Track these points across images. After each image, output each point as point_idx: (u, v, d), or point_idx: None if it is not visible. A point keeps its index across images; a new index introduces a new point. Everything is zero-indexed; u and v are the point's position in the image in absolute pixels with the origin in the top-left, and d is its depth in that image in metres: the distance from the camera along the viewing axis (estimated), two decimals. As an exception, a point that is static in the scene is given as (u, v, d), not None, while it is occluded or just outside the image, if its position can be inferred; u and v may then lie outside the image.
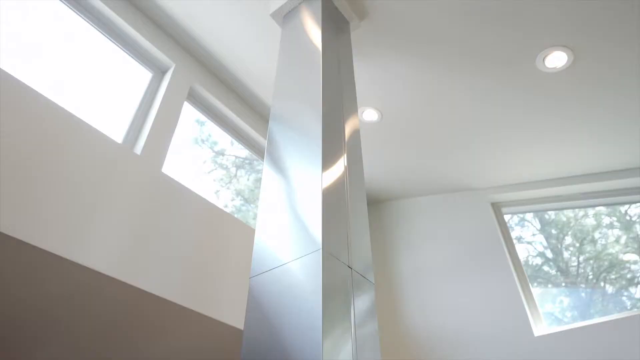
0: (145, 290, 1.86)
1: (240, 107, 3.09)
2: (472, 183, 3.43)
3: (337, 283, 1.16)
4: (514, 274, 2.99)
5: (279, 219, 1.42)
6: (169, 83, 2.59)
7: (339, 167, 1.55)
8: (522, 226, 3.35)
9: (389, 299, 3.45)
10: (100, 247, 1.77)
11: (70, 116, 1.91)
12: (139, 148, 2.22)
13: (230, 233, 2.43)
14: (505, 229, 3.27)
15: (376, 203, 4.07)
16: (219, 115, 3.01)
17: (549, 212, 3.26)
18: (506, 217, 3.33)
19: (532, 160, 3.12)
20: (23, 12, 2.11)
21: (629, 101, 2.60)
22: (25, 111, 1.74)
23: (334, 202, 1.39)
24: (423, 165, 3.37)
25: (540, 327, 2.77)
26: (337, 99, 1.84)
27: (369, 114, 2.97)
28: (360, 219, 1.48)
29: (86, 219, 1.77)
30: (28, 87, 1.80)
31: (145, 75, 2.65)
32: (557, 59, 2.53)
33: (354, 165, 1.67)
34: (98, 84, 2.39)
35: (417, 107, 2.89)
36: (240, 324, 2.12)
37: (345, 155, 1.63)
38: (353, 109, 1.93)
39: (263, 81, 2.95)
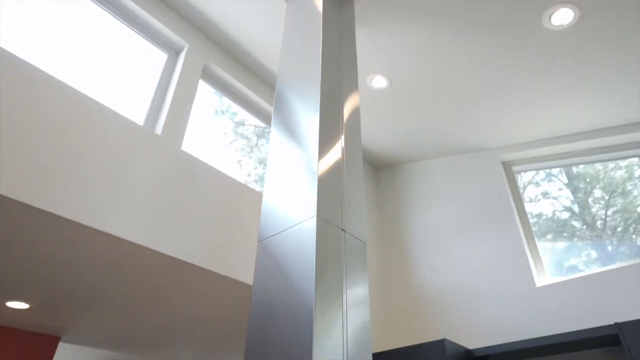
0: (172, 256, 2.10)
1: (253, 81, 3.22)
2: (482, 143, 3.49)
3: (331, 245, 1.34)
4: (521, 230, 3.10)
5: (282, 188, 1.59)
6: (184, 63, 2.74)
7: (336, 136, 1.70)
8: (549, 181, 3.32)
9: (401, 258, 3.64)
10: (132, 220, 2.00)
11: (97, 104, 2.10)
12: (159, 128, 2.42)
13: (245, 202, 2.64)
14: (514, 187, 3.35)
15: (389, 167, 4.19)
16: (234, 91, 3.16)
17: (578, 166, 3.16)
18: (530, 174, 3.34)
19: (541, 118, 3.15)
20: (36, 2, 2.28)
21: (636, 53, 2.58)
22: (58, 103, 1.95)
23: (329, 170, 1.55)
24: (433, 128, 3.45)
25: (543, 279, 2.91)
26: (337, 72, 1.95)
27: (378, 81, 3.05)
28: (355, 184, 1.63)
29: (118, 196, 1.99)
30: (57, 79, 1.99)
31: (161, 57, 2.80)
32: (563, 16, 2.52)
33: (352, 134, 1.80)
34: (117, 69, 2.56)
35: (424, 72, 2.94)
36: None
37: (342, 126, 1.77)
38: (353, 82, 2.04)
39: (273, 54, 3.05)
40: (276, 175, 1.69)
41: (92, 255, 2.12)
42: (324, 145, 1.61)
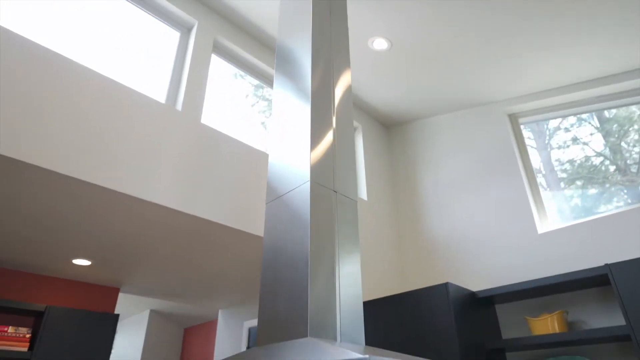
0: (200, 217, 2.43)
1: (263, 52, 3.39)
2: (488, 97, 3.55)
3: (324, 205, 1.59)
4: (525, 181, 3.23)
5: (282, 154, 1.83)
6: (195, 39, 2.95)
7: (326, 100, 1.90)
8: (579, 126, 3.27)
9: (412, 211, 3.87)
10: (164, 188, 2.33)
11: (127, 89, 2.38)
12: (179, 104, 2.68)
13: (262, 166, 2.91)
14: (520, 139, 3.43)
15: (399, 125, 4.33)
16: (244, 62, 3.35)
17: (610, 110, 3.01)
18: (557, 121, 3.28)
19: (545, 68, 3.16)
20: None
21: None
22: (96, 93, 2.24)
23: (321, 136, 1.77)
24: (438, 85, 3.53)
25: (546, 225, 3.06)
26: (326, 41, 2.11)
27: (379, 43, 3.15)
28: (346, 146, 1.85)
29: (151, 169, 2.31)
30: (93, 71, 2.27)
31: (174, 36, 3.02)
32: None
33: (343, 99, 1.99)
34: (135, 51, 2.81)
35: (425, 29, 3.01)
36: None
37: (333, 92, 1.96)
38: (343, 51, 2.20)
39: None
40: (277, 143, 1.93)
41: (137, 219, 2.48)
42: (316, 114, 1.82)
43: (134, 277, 3.56)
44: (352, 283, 1.53)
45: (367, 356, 0.84)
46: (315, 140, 1.73)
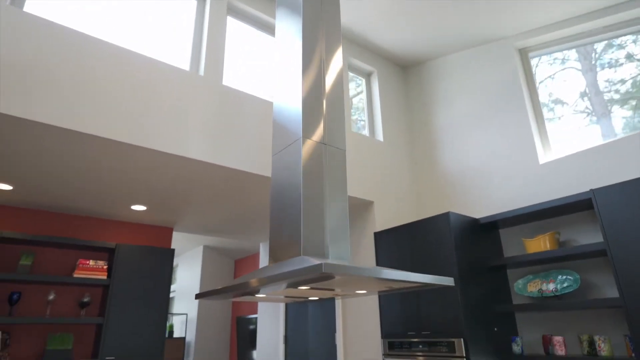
0: (228, 167, 2.87)
1: (274, 9, 3.60)
2: (499, 32, 3.59)
3: (314, 157, 1.95)
4: (530, 114, 3.37)
5: (282, 111, 2.17)
6: (210, 4, 3.21)
7: (315, 59, 2.18)
8: (636, 41, 2.97)
9: (427, 148, 4.12)
10: (195, 144, 2.76)
11: (156, 62, 2.75)
12: (201, 70, 3.03)
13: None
14: (529, 73, 3.51)
15: (414, 66, 4.45)
16: (258, 21, 3.59)
17: None
18: (605, 42, 3.15)
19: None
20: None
21: None
22: (137, 70, 2.63)
23: (312, 94, 2.08)
24: (449, 23, 3.61)
25: (549, 155, 3.25)
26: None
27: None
28: (335, 100, 2.15)
29: (183, 128, 2.73)
30: (134, 51, 2.65)
31: (192, 5, 3.29)
32: None
33: (334, 59, 2.26)
34: (159, 23, 3.14)
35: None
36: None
37: (322, 51, 2.24)
38: (334, 5, 2.41)
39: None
40: (278, 101, 2.26)
41: (177, 171, 2.96)
42: (306, 73, 2.12)
43: (184, 218, 4.17)
44: (339, 216, 1.92)
45: (321, 262, 1.23)
46: (306, 100, 2.05)
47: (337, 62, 2.30)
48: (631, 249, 2.36)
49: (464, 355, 2.69)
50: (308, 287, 1.61)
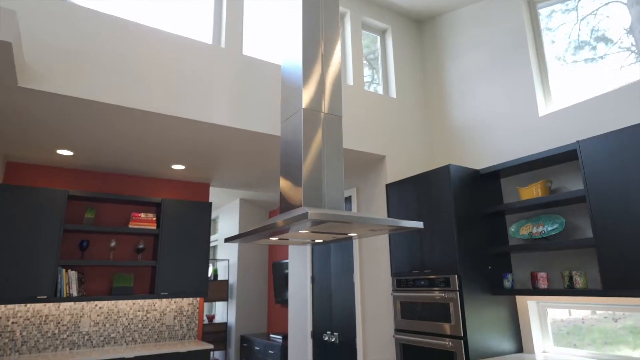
0: (251, 130, 3.28)
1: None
2: (507, -15, 3.65)
3: (314, 125, 2.32)
4: (534, 67, 3.50)
5: (288, 81, 2.52)
6: (229, -21, 3.49)
7: (316, 32, 2.49)
8: None
9: (439, 102, 4.34)
10: (221, 111, 3.17)
11: (187, 39, 3.13)
12: (223, 42, 3.38)
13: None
14: (536, 24, 3.60)
15: (429, 20, 4.56)
16: (274, -11, 3.82)
17: None
18: None
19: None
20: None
21: None
22: (169, 49, 3.02)
23: (310, 65, 2.41)
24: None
25: (550, 107, 3.42)
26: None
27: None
28: (333, 71, 2.47)
29: (209, 97, 3.14)
30: (165, 31, 3.03)
31: (212, -22, 3.58)
32: None
33: (331, 26, 2.54)
34: (184, 2, 3.46)
35: None
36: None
37: (322, 24, 2.53)
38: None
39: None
40: (283, 72, 2.60)
41: (207, 135, 3.41)
42: (307, 42, 2.44)
43: (218, 175, 4.69)
44: (335, 173, 2.31)
45: (307, 211, 1.63)
46: (306, 71, 2.39)
47: (334, 34, 2.59)
48: (606, 195, 2.61)
49: (457, 289, 3.10)
50: (308, 231, 2.05)
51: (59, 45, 2.66)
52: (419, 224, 2.01)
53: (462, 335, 3.01)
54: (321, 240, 2.59)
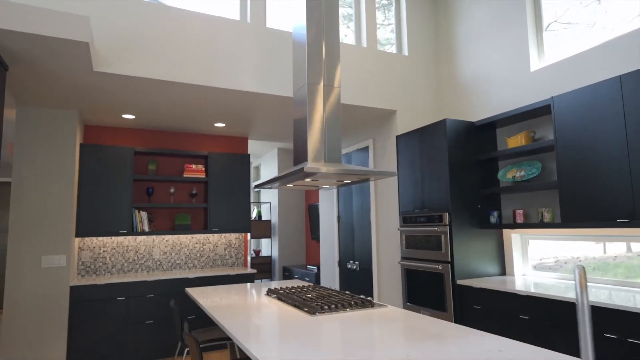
0: (274, 94, 3.93)
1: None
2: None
3: (316, 96, 2.93)
4: (530, 26, 3.79)
5: (296, 57, 3.10)
6: (251, -41, 3.97)
7: (318, 16, 3.03)
8: None
9: (447, 58, 4.71)
10: (249, 79, 3.82)
11: (216, 18, 3.74)
12: (248, 17, 3.95)
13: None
14: (534, -16, 3.83)
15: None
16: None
17: None
18: None
19: None
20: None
21: None
22: (193, 25, 3.66)
23: (314, 46, 2.98)
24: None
25: (543, 62, 3.76)
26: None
27: None
28: (332, 49, 3.03)
29: (239, 68, 3.79)
30: (192, 11, 3.65)
31: (237, -41, 4.07)
32: None
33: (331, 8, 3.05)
34: (215, -19, 4.01)
35: None
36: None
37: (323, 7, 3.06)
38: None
39: None
40: (294, 48, 3.18)
41: (241, 99, 4.10)
42: (309, 22, 3.00)
43: (254, 131, 5.43)
44: (334, 135, 2.94)
45: (303, 166, 2.29)
46: (310, 51, 2.96)
47: (334, 16, 3.10)
48: (571, 145, 3.07)
49: (447, 224, 3.73)
50: (311, 179, 2.74)
51: (120, 35, 3.37)
52: (392, 173, 2.63)
53: (449, 260, 3.69)
54: (327, 186, 3.28)
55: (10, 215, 3.94)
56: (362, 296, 2.71)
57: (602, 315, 2.56)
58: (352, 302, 2.50)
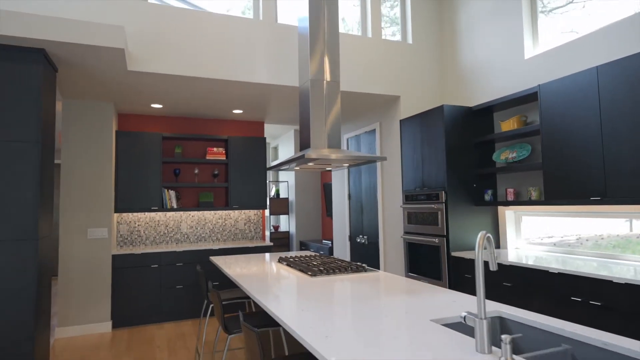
0: (286, 85, 4.31)
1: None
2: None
3: (318, 90, 3.31)
4: (525, 15, 4.02)
5: (301, 54, 3.47)
6: (264, -42, 4.30)
7: (320, 18, 3.38)
8: None
9: (449, 45, 4.97)
10: (261, 71, 4.22)
11: (232, 17, 4.12)
12: (261, 15, 4.31)
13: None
14: (529, -25, 4.03)
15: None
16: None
17: None
18: None
19: None
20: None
21: None
22: (212, 25, 4.05)
23: (315, 44, 3.35)
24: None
25: (536, 51, 4.00)
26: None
27: None
28: (332, 45, 3.38)
29: (253, 62, 4.18)
30: (213, 13, 4.04)
31: (251, -43, 4.40)
32: None
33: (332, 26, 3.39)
34: (231, -20, 4.37)
35: None
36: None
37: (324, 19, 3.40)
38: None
39: None
40: (299, 46, 3.54)
41: (256, 90, 4.51)
42: (313, 22, 3.36)
43: (269, 115, 5.84)
44: (334, 123, 3.33)
45: (304, 153, 2.69)
46: (312, 48, 3.32)
47: (334, 15, 3.44)
48: (554, 129, 3.36)
49: (444, 201, 4.10)
50: (314, 164, 3.16)
51: (149, 38, 3.81)
52: (383, 158, 3.01)
53: (445, 234, 4.08)
54: (329, 168, 3.68)
55: (60, 194, 4.53)
56: (358, 263, 3.15)
57: (570, 281, 2.93)
58: (348, 268, 2.95)
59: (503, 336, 1.25)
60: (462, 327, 1.77)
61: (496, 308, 1.88)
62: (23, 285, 2.95)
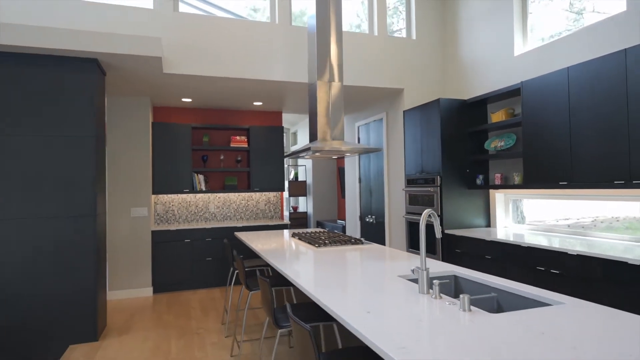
0: (300, 82, 4.86)
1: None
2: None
3: (324, 90, 3.86)
4: (516, 14, 4.41)
5: (309, 57, 4.01)
6: (279, -34, 4.80)
7: (327, 24, 3.90)
8: None
9: (452, 40, 5.38)
10: (278, 70, 4.77)
11: (252, 22, 4.66)
12: (277, 19, 4.84)
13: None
14: (520, -22, 4.40)
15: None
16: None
17: None
18: None
19: None
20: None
21: None
22: (235, 30, 4.61)
23: (322, 48, 3.88)
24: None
25: (527, 47, 4.40)
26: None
27: None
28: (338, 48, 3.90)
29: (271, 62, 4.73)
30: (234, 19, 4.60)
31: (267, -34, 4.91)
32: None
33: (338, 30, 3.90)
34: (250, -13, 4.89)
35: None
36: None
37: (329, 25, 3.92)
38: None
39: None
40: (308, 50, 4.06)
41: (273, 86, 5.07)
42: (320, 23, 3.89)
43: (286, 106, 6.41)
44: (338, 119, 3.88)
45: (310, 145, 3.25)
46: (320, 52, 3.86)
47: (339, 20, 3.94)
48: (533, 122, 3.81)
49: (439, 185, 4.62)
50: (320, 153, 3.72)
51: (181, 43, 4.41)
52: (379, 149, 3.55)
53: (439, 214, 4.61)
54: (336, 157, 4.25)
55: (107, 178, 5.28)
56: (357, 237, 3.74)
57: (538, 254, 3.44)
58: (348, 241, 3.54)
59: (434, 281, 1.82)
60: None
61: (452, 269, 2.44)
62: (87, 253, 3.68)
